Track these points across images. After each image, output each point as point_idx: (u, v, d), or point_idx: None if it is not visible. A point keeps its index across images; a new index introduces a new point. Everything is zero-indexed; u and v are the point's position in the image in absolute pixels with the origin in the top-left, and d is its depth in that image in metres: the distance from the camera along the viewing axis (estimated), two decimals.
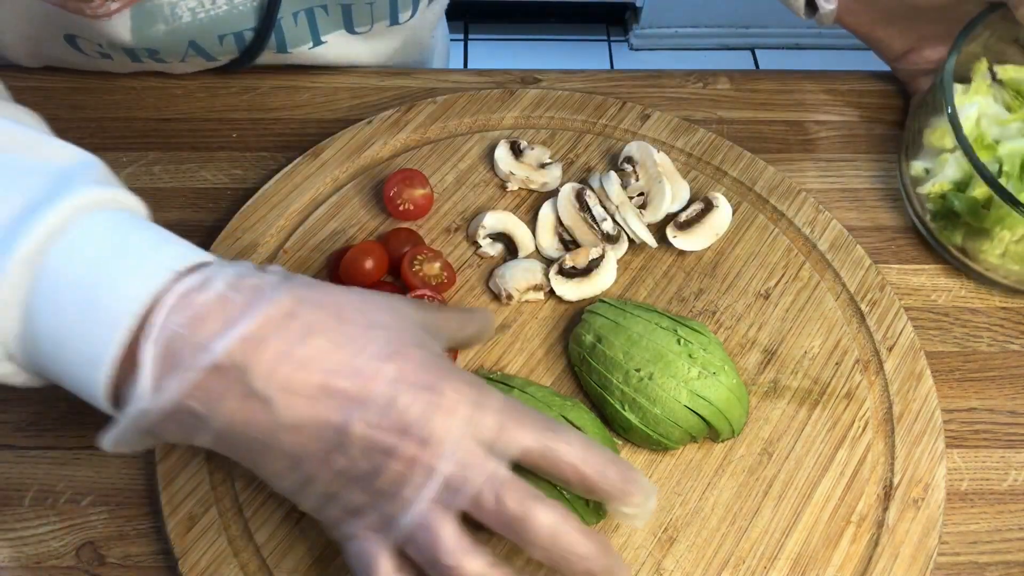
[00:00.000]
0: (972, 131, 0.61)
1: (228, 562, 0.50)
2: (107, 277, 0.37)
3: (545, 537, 0.39)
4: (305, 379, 0.37)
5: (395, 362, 0.39)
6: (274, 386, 0.37)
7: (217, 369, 0.37)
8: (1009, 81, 0.64)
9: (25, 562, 0.51)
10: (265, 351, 0.37)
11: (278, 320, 0.38)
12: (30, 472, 0.54)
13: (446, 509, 0.38)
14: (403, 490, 0.38)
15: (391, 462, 0.38)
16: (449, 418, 0.38)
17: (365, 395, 0.38)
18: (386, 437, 0.38)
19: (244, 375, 0.37)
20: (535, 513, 0.38)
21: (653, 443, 0.53)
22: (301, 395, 0.37)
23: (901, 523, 0.52)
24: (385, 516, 0.39)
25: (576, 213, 0.62)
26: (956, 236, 0.61)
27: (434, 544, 0.38)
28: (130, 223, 0.40)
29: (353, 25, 0.71)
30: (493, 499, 0.38)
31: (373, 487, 0.39)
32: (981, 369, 0.61)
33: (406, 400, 0.38)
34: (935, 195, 0.61)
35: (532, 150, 0.66)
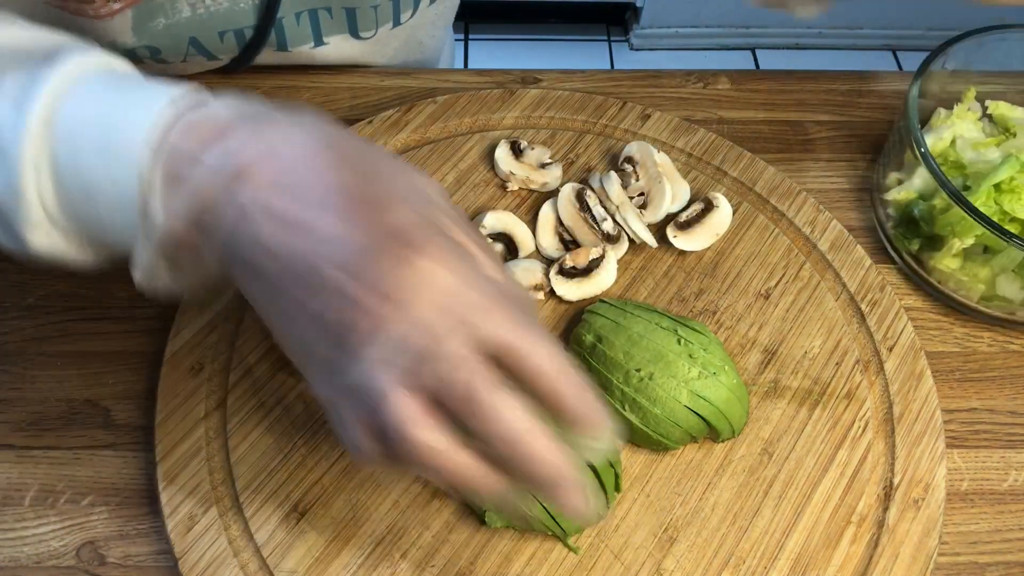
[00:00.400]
0: (944, 151, 0.63)
1: (228, 562, 0.50)
2: (113, 122, 0.39)
3: (511, 433, 0.35)
4: (286, 207, 0.36)
5: (386, 211, 0.36)
6: (257, 206, 0.36)
7: (212, 180, 0.37)
8: (999, 118, 0.65)
9: (25, 562, 0.51)
10: (254, 170, 0.36)
11: (270, 141, 0.37)
12: (30, 472, 0.54)
13: (412, 385, 0.35)
14: (362, 349, 0.35)
15: (358, 315, 0.35)
16: (425, 282, 0.35)
17: (342, 237, 0.35)
18: (355, 286, 0.35)
19: (233, 188, 0.36)
20: (505, 406, 0.35)
21: (653, 443, 0.53)
22: (280, 221, 0.36)
23: (901, 523, 0.52)
24: (349, 379, 0.36)
25: (576, 213, 0.62)
26: (913, 244, 0.62)
27: (386, 411, 0.34)
28: (120, 76, 0.42)
29: (358, 30, 0.71)
30: (463, 382, 0.34)
31: (341, 342, 0.35)
32: (981, 369, 0.61)
33: (386, 254, 0.35)
34: (899, 203, 0.63)
35: (532, 150, 0.66)
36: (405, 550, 0.51)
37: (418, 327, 0.34)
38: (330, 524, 0.51)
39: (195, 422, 0.54)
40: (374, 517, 0.52)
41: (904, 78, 0.77)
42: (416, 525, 0.51)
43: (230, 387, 0.56)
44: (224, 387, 0.56)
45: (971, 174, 0.61)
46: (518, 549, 0.51)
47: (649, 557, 0.51)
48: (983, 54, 0.65)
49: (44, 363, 0.59)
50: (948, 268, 0.60)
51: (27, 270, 0.63)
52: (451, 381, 0.35)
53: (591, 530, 0.51)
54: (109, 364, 0.59)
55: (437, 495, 0.53)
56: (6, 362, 0.59)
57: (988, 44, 0.64)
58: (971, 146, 0.63)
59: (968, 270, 0.60)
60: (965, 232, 0.58)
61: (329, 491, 0.52)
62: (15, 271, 0.63)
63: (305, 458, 0.53)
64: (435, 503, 0.52)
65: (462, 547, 0.51)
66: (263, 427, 0.54)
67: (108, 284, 0.62)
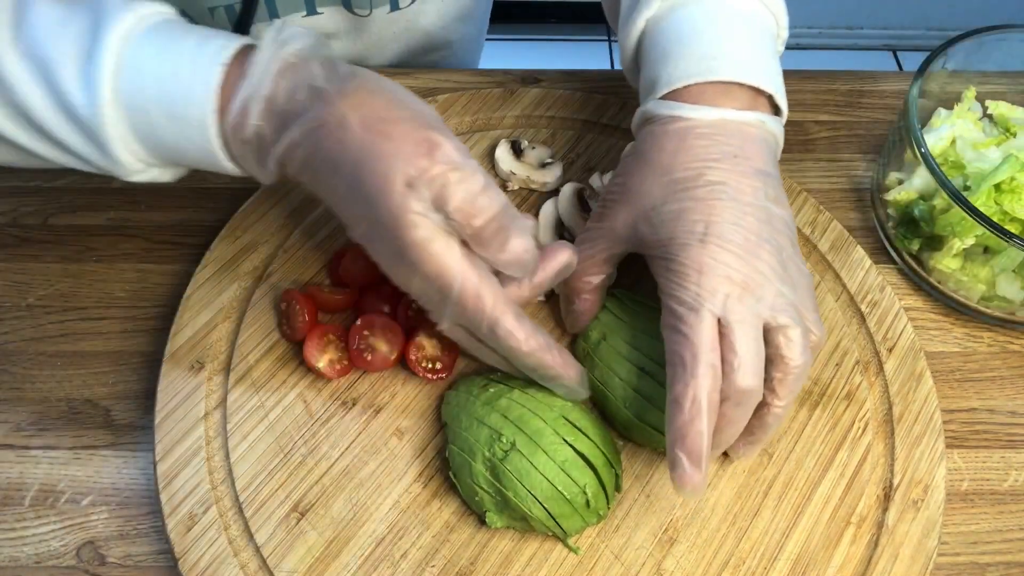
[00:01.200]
0: (944, 151, 0.63)
1: (228, 562, 0.50)
2: (173, 93, 0.46)
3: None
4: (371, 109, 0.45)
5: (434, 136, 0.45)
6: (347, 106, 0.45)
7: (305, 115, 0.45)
8: (999, 118, 0.65)
9: (25, 562, 0.51)
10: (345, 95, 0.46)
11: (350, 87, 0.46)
12: (30, 472, 0.54)
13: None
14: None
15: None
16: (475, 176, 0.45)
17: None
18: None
19: (325, 98, 0.45)
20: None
21: (656, 442, 0.53)
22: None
23: (901, 524, 0.52)
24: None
25: (577, 213, 0.62)
26: (913, 244, 0.62)
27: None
28: (167, 32, 0.47)
29: (351, 3, 0.71)
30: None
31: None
32: (981, 369, 0.61)
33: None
34: (899, 203, 0.63)
35: (533, 150, 0.66)
36: (405, 550, 0.51)
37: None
38: (330, 524, 0.51)
39: (195, 422, 0.54)
40: (374, 517, 0.52)
41: (904, 78, 0.77)
42: (416, 525, 0.51)
43: (230, 387, 0.56)
44: (224, 387, 0.56)
45: (971, 174, 0.61)
46: (518, 549, 0.51)
47: (649, 557, 0.51)
48: (983, 54, 0.65)
49: (44, 363, 0.59)
50: (948, 268, 0.60)
51: (27, 270, 0.63)
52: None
53: (591, 530, 0.52)
54: (109, 364, 0.59)
55: (437, 495, 0.53)
56: (6, 362, 0.59)
57: (988, 44, 0.64)
58: (971, 146, 0.63)
59: (968, 270, 0.60)
60: (965, 232, 0.58)
61: (329, 491, 0.52)
62: (15, 271, 0.63)
63: (305, 458, 0.53)
64: (435, 503, 0.52)
65: (462, 547, 0.51)
66: (263, 427, 0.54)
67: (108, 284, 0.62)
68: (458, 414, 0.52)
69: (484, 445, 0.50)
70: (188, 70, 0.46)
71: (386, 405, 0.56)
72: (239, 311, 0.59)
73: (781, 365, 0.47)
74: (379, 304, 0.58)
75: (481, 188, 0.45)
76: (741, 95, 0.51)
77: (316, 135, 0.45)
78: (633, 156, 0.52)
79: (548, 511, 0.48)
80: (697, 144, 0.49)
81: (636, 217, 0.50)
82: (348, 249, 0.60)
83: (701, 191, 0.48)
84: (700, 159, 0.49)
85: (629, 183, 0.52)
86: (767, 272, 0.47)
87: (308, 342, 0.55)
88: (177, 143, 0.47)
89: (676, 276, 0.47)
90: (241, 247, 0.61)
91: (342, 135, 0.45)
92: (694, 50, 0.52)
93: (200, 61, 0.46)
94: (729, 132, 0.50)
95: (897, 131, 0.62)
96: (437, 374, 0.56)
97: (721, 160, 0.49)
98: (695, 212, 0.48)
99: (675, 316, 0.47)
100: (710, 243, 0.47)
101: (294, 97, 0.46)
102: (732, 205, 0.48)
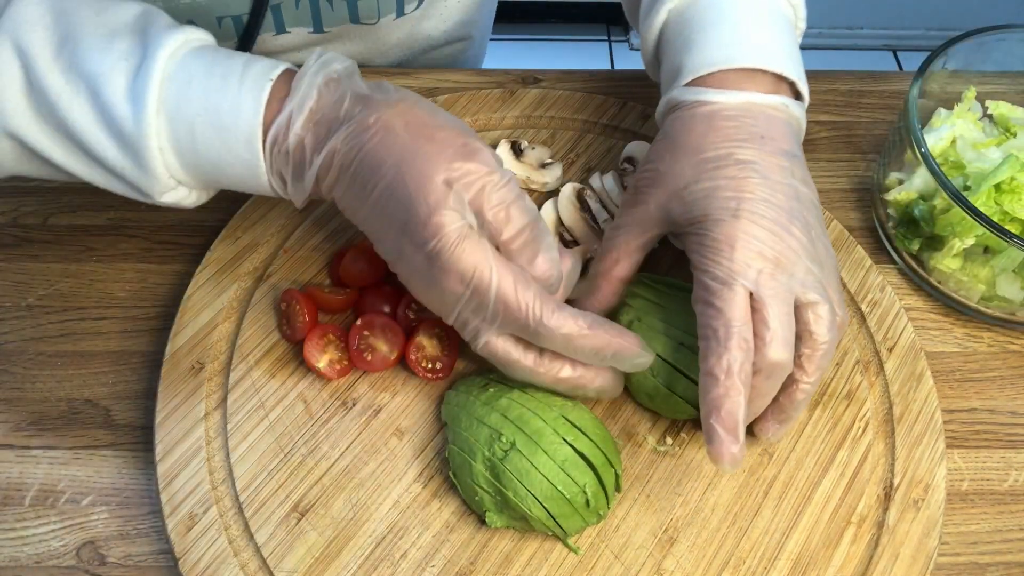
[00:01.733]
0: (945, 151, 0.63)
1: (228, 562, 0.50)
2: (220, 104, 0.48)
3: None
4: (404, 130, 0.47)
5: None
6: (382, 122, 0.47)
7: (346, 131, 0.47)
8: (999, 118, 0.65)
9: (25, 562, 0.51)
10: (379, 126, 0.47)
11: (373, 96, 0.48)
12: (31, 472, 0.54)
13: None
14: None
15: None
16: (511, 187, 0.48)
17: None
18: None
19: (359, 125, 0.47)
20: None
21: (679, 411, 0.53)
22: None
23: (901, 524, 0.52)
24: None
25: (577, 213, 0.62)
26: (913, 244, 0.62)
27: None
28: (207, 58, 0.49)
29: (359, 17, 0.71)
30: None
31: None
32: (982, 369, 0.61)
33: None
34: (899, 203, 0.63)
35: (533, 150, 0.66)
36: (405, 550, 0.51)
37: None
38: (330, 524, 0.51)
39: (195, 422, 0.54)
40: (374, 517, 0.52)
41: (904, 78, 0.77)
42: (416, 525, 0.51)
43: (230, 387, 0.56)
44: (224, 387, 0.56)
45: (971, 174, 0.61)
46: (518, 549, 0.51)
47: (649, 557, 0.51)
48: (983, 54, 0.65)
49: (44, 363, 0.59)
50: (948, 268, 0.60)
51: (27, 270, 0.63)
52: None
53: (591, 530, 0.51)
54: (109, 364, 0.59)
55: (437, 495, 0.53)
56: (6, 362, 0.59)
57: (988, 44, 0.64)
58: (971, 146, 0.63)
59: (968, 270, 0.60)
60: (965, 232, 0.58)
61: (329, 491, 0.52)
62: (15, 271, 0.63)
63: (305, 458, 0.53)
64: (435, 503, 0.52)
65: (462, 547, 0.51)
66: (263, 427, 0.54)
67: (108, 284, 0.62)
68: (458, 414, 0.52)
69: (484, 445, 0.50)
70: (236, 84, 0.48)
71: (386, 405, 0.56)
72: (239, 311, 0.59)
73: (810, 341, 0.48)
74: (379, 304, 0.58)
75: (516, 197, 0.47)
76: (764, 81, 0.52)
77: (360, 138, 0.47)
78: (663, 140, 0.53)
79: (548, 511, 0.48)
80: (725, 125, 0.50)
81: (669, 197, 0.51)
82: (348, 249, 0.60)
83: (732, 169, 0.49)
84: (729, 139, 0.50)
85: (660, 167, 0.52)
86: (798, 249, 0.48)
87: (308, 342, 0.55)
88: (220, 157, 0.49)
89: (710, 251, 0.48)
90: (241, 247, 0.61)
91: (386, 137, 0.47)
92: (717, 38, 0.52)
93: (249, 76, 0.48)
94: (755, 114, 0.51)
95: (897, 131, 0.62)
96: (437, 374, 0.56)
97: (749, 140, 0.50)
98: (727, 189, 0.49)
99: (708, 291, 0.47)
100: (743, 218, 0.47)
101: (339, 106, 0.48)
102: (763, 183, 0.48)
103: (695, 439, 0.55)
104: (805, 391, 0.49)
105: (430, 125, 0.47)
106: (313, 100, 0.47)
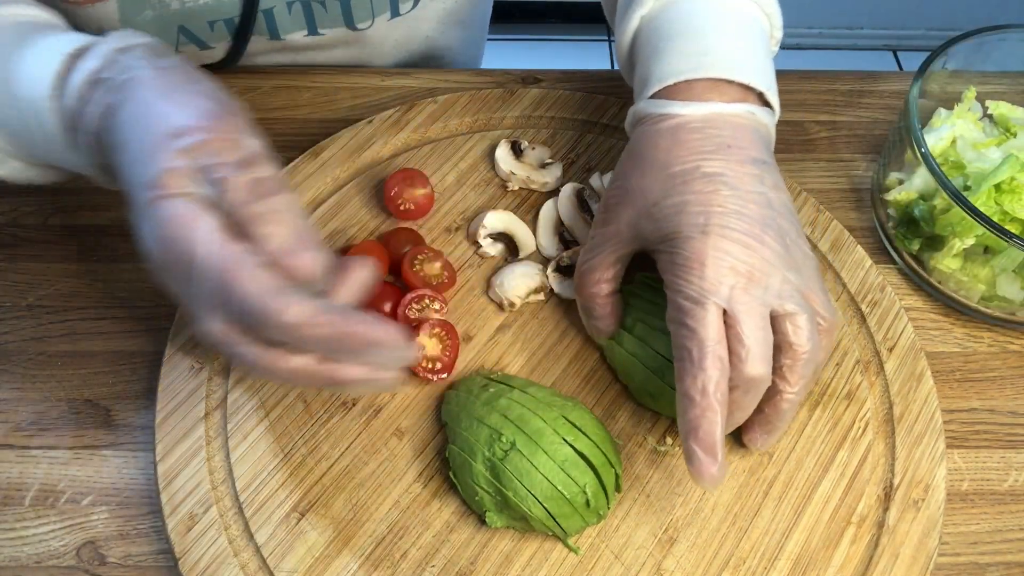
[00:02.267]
0: (945, 151, 0.63)
1: (228, 562, 0.50)
2: (12, 77, 0.48)
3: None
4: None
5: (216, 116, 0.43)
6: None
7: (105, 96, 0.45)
8: (999, 118, 0.65)
9: (25, 562, 0.51)
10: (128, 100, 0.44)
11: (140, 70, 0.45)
12: (31, 472, 0.54)
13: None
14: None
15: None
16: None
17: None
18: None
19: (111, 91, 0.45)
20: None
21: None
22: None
23: (901, 524, 0.52)
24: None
25: (577, 213, 0.62)
26: (913, 244, 0.62)
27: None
28: (24, 30, 0.49)
29: (353, 21, 0.71)
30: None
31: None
32: (982, 370, 0.61)
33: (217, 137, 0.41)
34: (899, 203, 0.63)
35: (533, 150, 0.66)
36: (405, 550, 0.51)
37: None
38: (330, 524, 0.51)
39: (195, 422, 0.54)
40: (374, 517, 0.52)
41: (904, 78, 0.77)
42: (416, 525, 0.51)
43: (230, 387, 0.56)
44: (224, 387, 0.56)
45: (971, 174, 0.61)
46: (518, 549, 0.51)
47: (649, 557, 0.51)
48: (983, 54, 0.65)
49: (44, 363, 0.59)
50: (948, 268, 0.60)
51: (27, 270, 0.63)
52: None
53: (591, 530, 0.52)
54: (109, 364, 0.59)
55: (438, 495, 0.53)
56: (6, 362, 0.59)
57: (988, 44, 0.64)
58: (971, 146, 0.63)
59: (968, 270, 0.60)
60: (965, 232, 0.58)
61: (329, 491, 0.52)
62: (15, 271, 0.63)
63: (305, 458, 0.53)
64: (435, 503, 0.52)
65: (462, 547, 0.51)
66: (263, 427, 0.54)
67: (108, 284, 0.62)
68: (458, 414, 0.52)
69: (484, 445, 0.50)
70: (33, 56, 0.47)
71: (386, 405, 0.56)
72: None
73: (790, 352, 0.47)
74: (379, 304, 0.58)
75: (261, 154, 0.42)
76: (730, 91, 0.51)
77: (125, 88, 0.44)
78: (628, 157, 0.53)
79: (548, 511, 0.48)
80: (691, 138, 0.50)
81: (638, 215, 0.50)
82: (348, 249, 0.60)
83: (700, 183, 0.48)
84: (695, 152, 0.49)
85: (627, 184, 0.52)
86: (772, 259, 0.47)
87: None
88: (22, 125, 0.48)
89: (680, 270, 0.47)
90: None
91: (150, 87, 0.44)
92: (685, 46, 0.52)
93: (48, 50, 0.48)
94: (719, 125, 0.50)
95: (897, 131, 0.62)
96: (437, 374, 0.56)
97: (716, 151, 0.49)
98: (696, 204, 0.48)
99: (681, 311, 0.47)
100: (712, 234, 0.47)
101: (115, 67, 0.45)
102: (732, 194, 0.48)
103: None
104: (790, 400, 0.48)
105: (198, 81, 0.44)
106: (96, 64, 0.46)
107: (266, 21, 0.68)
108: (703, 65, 0.51)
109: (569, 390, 0.57)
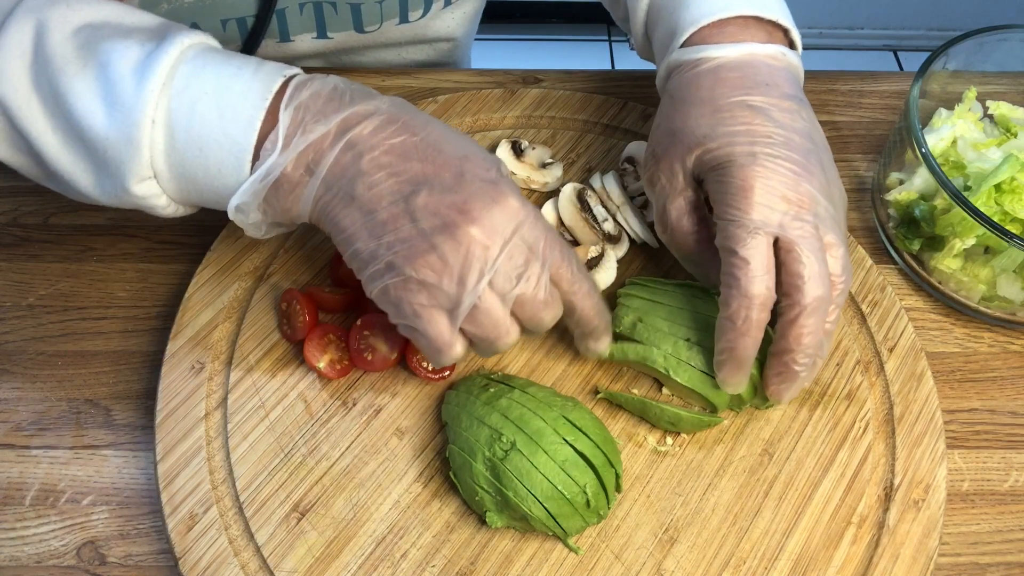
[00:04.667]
0: (945, 151, 0.64)
1: (228, 562, 0.50)
2: (230, 84, 0.47)
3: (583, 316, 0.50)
4: (387, 155, 0.46)
5: (466, 162, 0.46)
6: (365, 148, 0.46)
7: (328, 134, 0.46)
8: (1000, 118, 0.65)
9: (26, 561, 0.51)
10: (365, 128, 0.46)
11: (380, 113, 0.47)
12: (31, 471, 0.54)
13: (503, 297, 0.46)
14: (468, 273, 0.45)
15: (449, 240, 0.44)
16: (505, 213, 0.45)
17: (433, 176, 0.46)
18: (447, 210, 0.45)
19: (345, 138, 0.46)
20: (582, 294, 0.49)
21: (698, 402, 0.54)
22: (382, 163, 0.46)
23: (902, 524, 0.52)
24: (447, 295, 0.45)
25: (577, 213, 0.62)
26: (914, 244, 0.62)
27: (494, 323, 0.46)
28: (225, 53, 0.49)
29: (362, 25, 0.71)
30: (541, 294, 0.47)
31: (437, 265, 0.45)
32: (982, 370, 0.61)
33: (471, 188, 0.45)
34: (900, 203, 0.63)
35: (533, 150, 0.66)
36: (405, 550, 0.51)
37: (506, 253, 0.46)
38: (330, 524, 0.51)
39: (195, 422, 0.54)
40: (374, 517, 0.52)
41: (905, 78, 0.77)
42: (416, 525, 0.51)
43: (230, 387, 0.56)
44: (224, 387, 0.56)
45: (972, 174, 0.61)
46: (519, 549, 0.51)
47: (650, 557, 0.51)
48: (984, 55, 0.65)
49: (44, 363, 0.59)
50: (949, 269, 0.60)
51: (27, 270, 0.63)
52: (534, 294, 0.47)
53: (592, 530, 0.51)
54: (109, 364, 0.59)
55: (437, 495, 0.53)
56: (6, 362, 0.59)
57: (989, 45, 0.64)
58: (972, 146, 0.63)
59: (969, 270, 0.60)
60: (966, 232, 0.58)
61: (329, 491, 0.52)
62: (15, 271, 0.63)
63: (305, 458, 0.53)
64: (435, 503, 0.52)
65: (462, 547, 0.51)
66: (263, 427, 0.54)
67: (108, 284, 0.62)
68: (458, 414, 0.52)
69: (484, 445, 0.50)
70: (251, 72, 0.47)
71: (386, 405, 0.56)
72: (240, 311, 0.59)
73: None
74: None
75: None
76: (760, 32, 0.53)
77: (393, 118, 0.47)
78: (670, 103, 0.53)
79: (548, 511, 0.48)
80: (731, 76, 0.51)
81: (688, 151, 0.51)
82: None
83: (746, 115, 0.50)
84: (738, 88, 0.51)
85: (672, 126, 0.52)
86: (818, 189, 0.49)
87: (308, 342, 0.55)
88: (211, 136, 0.47)
89: (731, 198, 0.48)
90: (242, 247, 0.61)
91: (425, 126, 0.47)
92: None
93: (264, 68, 0.48)
94: (756, 64, 0.52)
95: (898, 131, 0.62)
96: (437, 374, 0.56)
97: (757, 88, 0.51)
98: (744, 135, 0.49)
99: (732, 239, 0.48)
100: (761, 163, 0.48)
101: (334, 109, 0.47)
102: (778, 128, 0.49)
103: (695, 439, 0.55)
104: (827, 331, 0.50)
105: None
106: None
107: (277, 22, 0.69)
108: (732, 4, 0.52)
109: (569, 390, 0.57)
